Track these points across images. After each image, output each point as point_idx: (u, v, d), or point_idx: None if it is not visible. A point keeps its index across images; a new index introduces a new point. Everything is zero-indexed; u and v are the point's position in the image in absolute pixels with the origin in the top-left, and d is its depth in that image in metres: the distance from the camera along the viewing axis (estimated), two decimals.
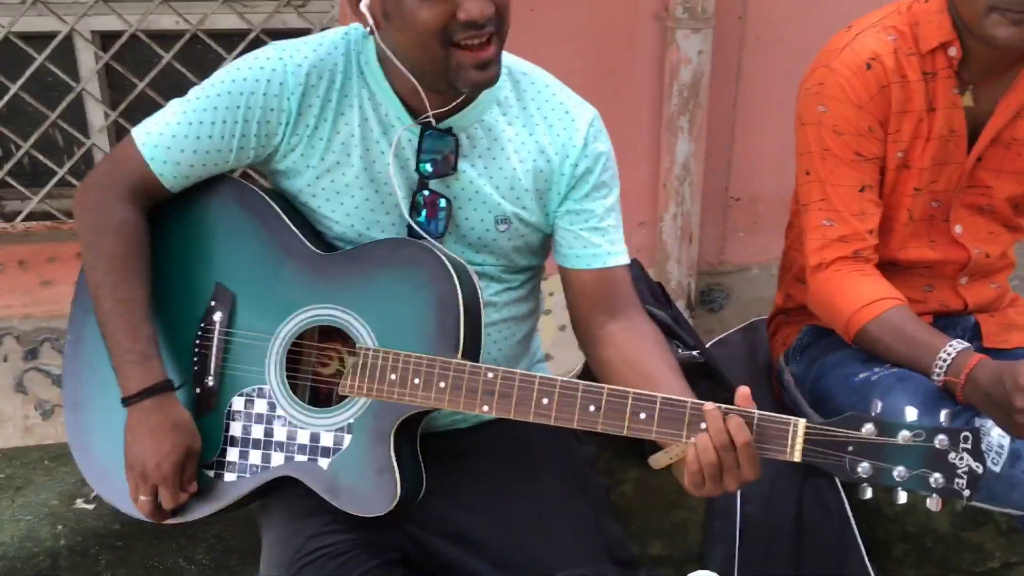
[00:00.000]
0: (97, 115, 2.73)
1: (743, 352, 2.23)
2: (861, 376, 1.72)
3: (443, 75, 1.37)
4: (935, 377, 1.60)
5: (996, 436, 1.54)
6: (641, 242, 2.96)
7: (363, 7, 1.38)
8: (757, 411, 1.28)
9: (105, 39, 2.67)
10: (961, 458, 1.21)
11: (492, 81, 1.39)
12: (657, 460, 1.38)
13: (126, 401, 1.44)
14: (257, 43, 2.55)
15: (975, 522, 2.03)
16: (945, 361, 1.58)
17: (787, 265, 2.04)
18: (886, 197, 1.77)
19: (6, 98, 2.56)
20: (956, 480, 1.21)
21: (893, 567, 2.03)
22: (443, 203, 1.48)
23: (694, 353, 1.90)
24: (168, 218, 1.53)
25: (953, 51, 1.67)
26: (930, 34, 1.67)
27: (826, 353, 1.85)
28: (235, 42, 2.61)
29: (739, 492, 1.95)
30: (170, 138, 1.47)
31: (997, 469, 1.53)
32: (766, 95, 2.89)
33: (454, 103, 1.46)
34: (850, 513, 1.91)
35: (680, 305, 2.99)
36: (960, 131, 1.73)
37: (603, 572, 1.50)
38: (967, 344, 1.60)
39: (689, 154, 2.82)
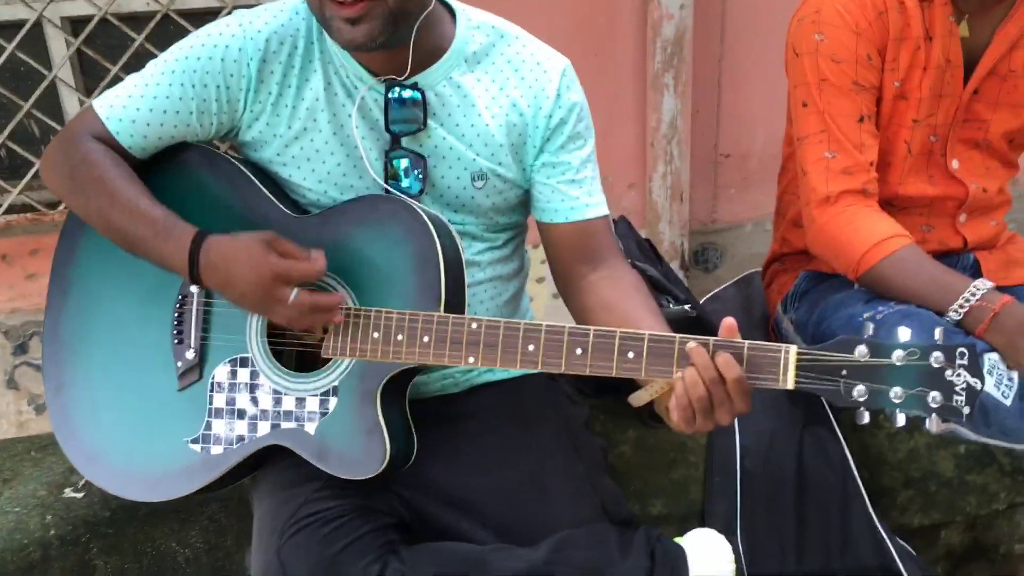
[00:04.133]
0: (72, 102, 2.70)
1: (738, 305, 2.20)
2: (865, 316, 1.68)
3: (327, 29, 1.36)
4: (952, 314, 1.59)
5: (1004, 369, 1.51)
6: (631, 203, 2.93)
7: None
8: (747, 341, 1.26)
9: (75, 24, 2.63)
10: (959, 375, 1.18)
11: (361, 40, 1.33)
12: (637, 397, 1.36)
13: (191, 274, 1.38)
14: None
15: (979, 464, 2.00)
16: (969, 299, 1.57)
17: (782, 210, 2.01)
18: (883, 129, 1.73)
19: None
20: (955, 397, 1.18)
21: (897, 514, 2.00)
22: (412, 170, 1.45)
23: (686, 307, 1.86)
24: None
25: None
26: None
27: (826, 296, 1.82)
28: (208, 21, 2.56)
29: (738, 446, 1.93)
30: (127, 99, 1.45)
31: (1008, 402, 1.49)
32: (751, 49, 2.85)
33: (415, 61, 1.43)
34: (851, 461, 1.89)
35: (674, 266, 2.96)
36: (956, 61, 1.69)
37: (601, 531, 1.48)
38: (991, 283, 1.60)
39: (676, 112, 2.79)
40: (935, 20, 1.67)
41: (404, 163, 1.45)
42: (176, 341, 1.47)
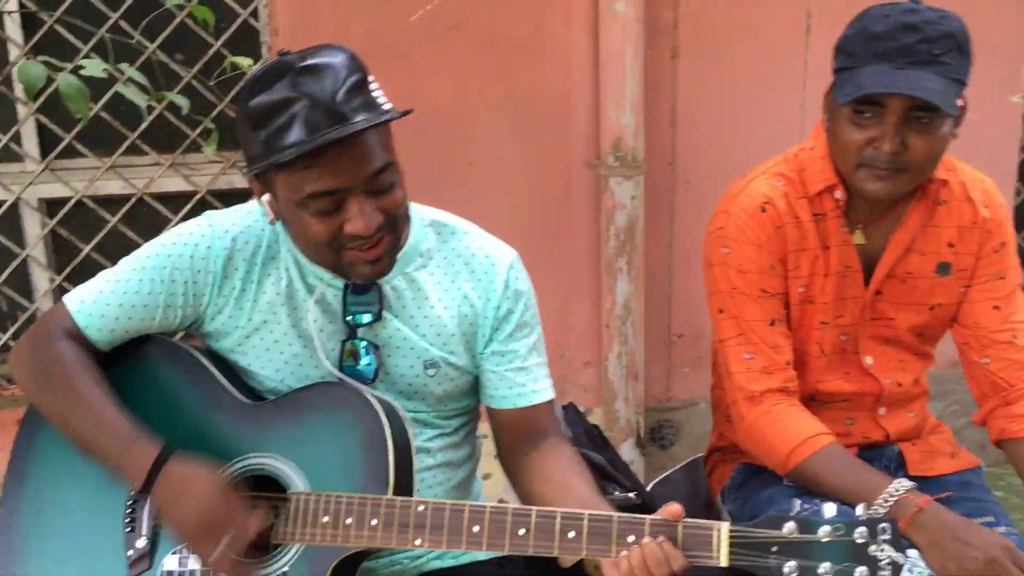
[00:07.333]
0: (42, 280, 2.76)
1: (686, 489, 2.22)
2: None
3: (336, 270, 1.49)
4: (873, 511, 1.61)
5: (923, 567, 1.56)
6: (588, 381, 2.99)
7: (263, 202, 1.46)
8: (682, 520, 1.31)
9: (51, 205, 2.73)
10: (882, 549, 1.23)
11: (384, 272, 1.48)
12: (563, 560, 1.39)
13: (144, 491, 1.42)
14: (203, 204, 2.62)
15: None
16: (888, 499, 1.61)
17: (715, 403, 2.08)
18: (795, 331, 1.83)
19: None
20: (879, 572, 1.23)
21: None
22: (370, 350, 1.53)
23: (630, 495, 1.90)
24: None
25: (838, 194, 1.75)
26: (815, 179, 1.77)
27: (759, 491, 1.87)
28: (181, 203, 2.68)
29: None
30: (98, 293, 1.53)
31: None
32: (700, 235, 2.95)
33: None
34: None
35: (630, 443, 3.00)
36: (855, 267, 1.80)
37: None
38: (912, 484, 1.64)
39: (629, 294, 2.90)
40: (829, 232, 1.78)
41: (363, 344, 1.53)
42: (128, 529, 1.48)
